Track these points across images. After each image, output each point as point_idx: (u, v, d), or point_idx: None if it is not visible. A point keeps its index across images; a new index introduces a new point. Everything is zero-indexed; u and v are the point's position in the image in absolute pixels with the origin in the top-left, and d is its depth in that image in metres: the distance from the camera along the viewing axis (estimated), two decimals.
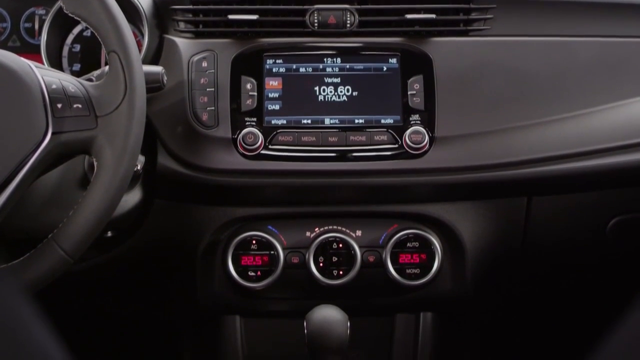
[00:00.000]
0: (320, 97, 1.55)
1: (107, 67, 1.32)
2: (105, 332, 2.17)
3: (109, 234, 1.58)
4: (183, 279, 1.63)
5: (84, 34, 1.69)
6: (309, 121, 1.54)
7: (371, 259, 1.59)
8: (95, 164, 1.28)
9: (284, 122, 1.54)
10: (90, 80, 1.38)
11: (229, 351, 1.68)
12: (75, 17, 1.30)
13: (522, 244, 1.62)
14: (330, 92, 1.55)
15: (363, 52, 1.58)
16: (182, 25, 1.61)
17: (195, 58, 1.56)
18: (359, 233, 1.60)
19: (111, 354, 2.27)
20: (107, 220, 1.28)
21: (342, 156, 1.52)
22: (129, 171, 1.28)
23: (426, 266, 1.58)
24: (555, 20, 1.63)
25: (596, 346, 0.58)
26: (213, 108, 1.53)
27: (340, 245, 1.58)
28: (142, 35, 1.60)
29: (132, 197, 1.53)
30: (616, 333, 0.55)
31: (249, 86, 1.55)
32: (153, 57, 1.59)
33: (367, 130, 1.53)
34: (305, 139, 1.53)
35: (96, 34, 1.29)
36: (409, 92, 1.54)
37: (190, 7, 1.61)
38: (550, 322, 2.07)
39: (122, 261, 1.61)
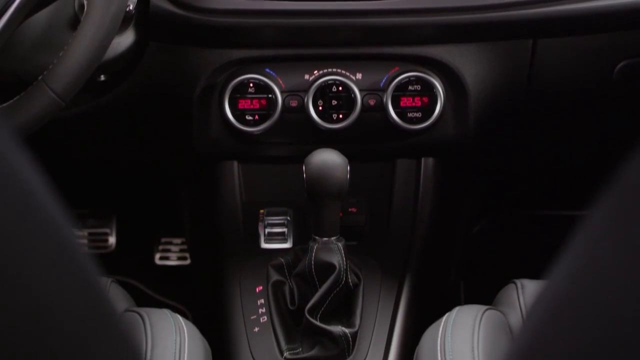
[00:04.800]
0: None
1: None
2: (100, 181, 2.17)
3: (102, 77, 1.55)
4: (179, 124, 1.61)
5: None
6: None
7: (372, 102, 1.56)
8: (85, 3, 1.25)
9: None
10: None
11: (227, 196, 1.67)
12: None
13: (526, 88, 1.59)
14: None
15: None
16: None
17: None
18: (359, 76, 1.56)
19: (106, 202, 2.28)
20: (98, 61, 1.25)
21: None
22: (120, 10, 1.25)
23: (428, 110, 1.55)
24: None
25: (598, 189, 0.55)
26: None
27: (340, 89, 1.54)
28: None
29: (125, 39, 1.49)
30: (619, 177, 0.53)
31: None
32: None
33: None
34: None
35: None
36: None
37: None
38: (553, 167, 2.07)
39: (116, 106, 1.58)
